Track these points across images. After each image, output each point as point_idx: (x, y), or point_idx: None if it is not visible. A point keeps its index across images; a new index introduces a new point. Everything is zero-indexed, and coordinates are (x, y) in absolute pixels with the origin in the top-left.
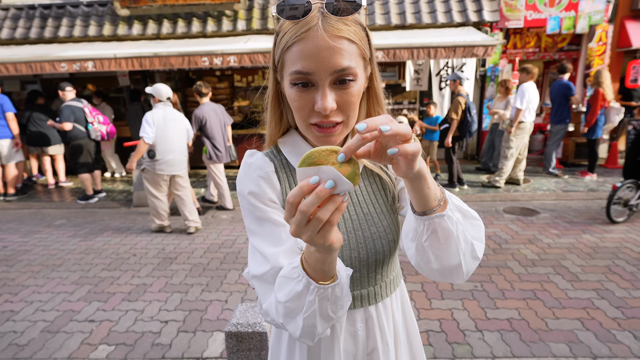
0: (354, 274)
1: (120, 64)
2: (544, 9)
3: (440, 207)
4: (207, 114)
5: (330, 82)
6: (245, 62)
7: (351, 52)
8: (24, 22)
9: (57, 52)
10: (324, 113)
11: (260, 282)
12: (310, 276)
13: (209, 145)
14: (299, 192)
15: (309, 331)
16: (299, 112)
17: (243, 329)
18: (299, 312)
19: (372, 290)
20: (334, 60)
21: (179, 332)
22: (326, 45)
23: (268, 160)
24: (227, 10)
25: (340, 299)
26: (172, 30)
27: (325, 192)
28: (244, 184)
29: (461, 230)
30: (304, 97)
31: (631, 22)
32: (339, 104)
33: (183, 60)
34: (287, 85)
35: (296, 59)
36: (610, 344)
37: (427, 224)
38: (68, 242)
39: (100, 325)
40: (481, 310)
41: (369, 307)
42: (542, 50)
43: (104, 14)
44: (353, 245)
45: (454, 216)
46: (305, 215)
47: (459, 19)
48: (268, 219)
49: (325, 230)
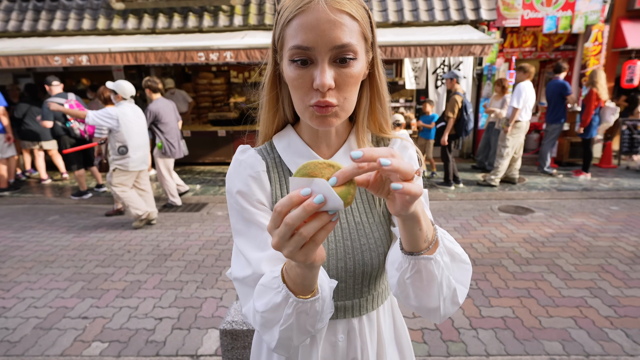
0: (339, 285)
1: (115, 59)
2: (541, 8)
3: (429, 249)
4: (162, 109)
5: (330, 58)
6: (242, 58)
7: (352, 29)
8: (16, 15)
9: (50, 46)
10: (322, 90)
11: (241, 284)
12: (290, 288)
13: (164, 140)
14: (288, 202)
15: (285, 343)
16: (298, 91)
17: (238, 326)
18: (276, 323)
19: (357, 302)
20: (335, 34)
21: (174, 329)
22: (327, 18)
23: (260, 159)
24: (224, 5)
25: (319, 314)
26: (168, 24)
27: (312, 207)
28: (233, 182)
29: (446, 276)
30: (303, 75)
31: (627, 23)
32: (337, 83)
33: (179, 55)
34: (286, 64)
35: (296, 32)
36: (602, 342)
37: (412, 263)
38: (61, 238)
39: (94, 322)
40: (475, 309)
41: (352, 319)
42: (538, 50)
43: (99, 8)
44: (340, 255)
45: (442, 260)
46: (289, 228)
47: (456, 17)
48: (254, 221)
49: (307, 248)
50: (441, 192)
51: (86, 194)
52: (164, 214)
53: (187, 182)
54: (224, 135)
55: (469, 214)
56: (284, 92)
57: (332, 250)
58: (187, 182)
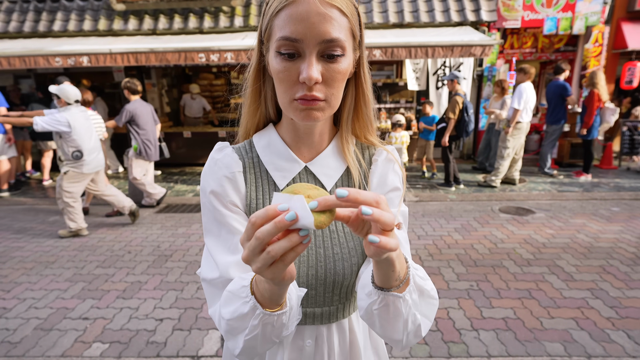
0: (309, 292)
1: (116, 59)
2: (541, 9)
3: (399, 287)
4: (139, 109)
5: (317, 52)
6: (243, 59)
7: (342, 24)
8: (17, 16)
9: (51, 47)
10: (309, 84)
11: (209, 285)
12: (258, 300)
13: (140, 142)
14: (264, 214)
15: (249, 351)
16: (283, 84)
17: None
18: (241, 332)
19: (326, 310)
20: (324, 27)
21: (174, 330)
22: (317, 10)
23: (237, 159)
24: (225, 7)
25: (285, 325)
26: (168, 25)
27: (283, 224)
28: (207, 181)
29: (412, 313)
30: (289, 68)
31: (627, 24)
32: (325, 78)
33: (179, 56)
34: (272, 56)
35: (284, 23)
36: (604, 344)
37: (381, 297)
38: (62, 239)
39: (95, 323)
40: (477, 310)
41: (321, 326)
42: (538, 51)
43: (100, 9)
44: (312, 262)
45: (410, 299)
46: (259, 242)
47: (456, 19)
48: (226, 223)
49: (276, 266)
50: (442, 193)
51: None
52: (164, 215)
53: (188, 183)
54: (225, 136)
55: (469, 214)
56: (268, 86)
57: (304, 258)
58: (187, 183)
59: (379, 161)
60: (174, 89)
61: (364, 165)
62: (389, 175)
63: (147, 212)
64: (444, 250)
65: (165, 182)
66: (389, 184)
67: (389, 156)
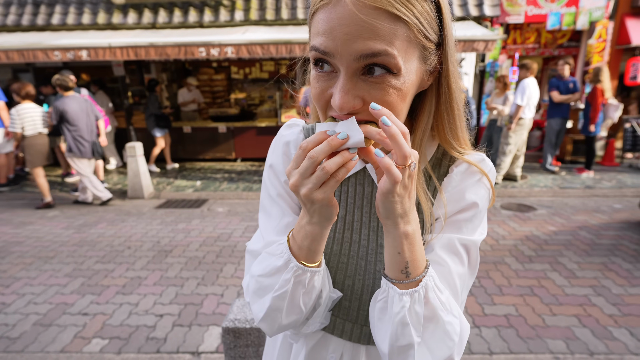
0: (342, 302)
1: (115, 54)
2: (545, 4)
3: (403, 283)
4: (69, 105)
5: (355, 71)
6: (243, 54)
7: (392, 34)
8: (15, 9)
9: (50, 40)
10: (339, 112)
11: (250, 256)
12: (294, 254)
13: (70, 138)
14: (315, 139)
15: (273, 316)
16: (317, 104)
17: (241, 324)
18: (270, 289)
19: (357, 328)
20: (360, 40)
21: (174, 326)
22: (353, 17)
23: (302, 139)
24: (225, 0)
25: (315, 291)
26: (168, 19)
27: (336, 142)
28: (270, 154)
29: (404, 323)
30: (323, 84)
31: (631, 19)
32: (367, 102)
33: (179, 50)
34: (312, 65)
35: (317, 31)
36: (606, 341)
37: (384, 288)
38: (61, 234)
39: (94, 319)
40: (479, 307)
41: (348, 343)
42: (541, 46)
43: (99, 2)
44: (350, 272)
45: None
46: (312, 162)
47: (459, 13)
48: (278, 203)
49: (327, 185)
50: None
51: None
52: (164, 210)
53: (188, 179)
54: (225, 132)
55: None
56: None
57: (343, 265)
58: (187, 178)
59: (454, 172)
60: (174, 83)
61: (434, 178)
62: (467, 190)
63: (147, 207)
64: None
65: (165, 177)
66: (464, 200)
67: (471, 168)
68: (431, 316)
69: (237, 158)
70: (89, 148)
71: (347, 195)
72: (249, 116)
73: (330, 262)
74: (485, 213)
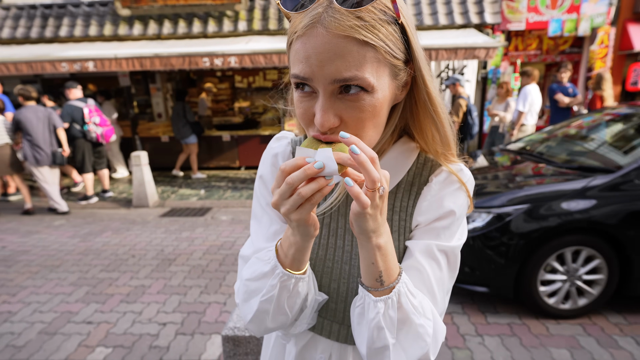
0: (329, 304)
1: (121, 64)
2: (546, 11)
3: (377, 291)
4: (24, 115)
5: (332, 91)
6: (246, 63)
7: (363, 58)
8: (25, 22)
9: (58, 52)
10: (321, 130)
11: (242, 261)
12: (281, 261)
13: (27, 146)
14: (293, 164)
15: (260, 317)
16: (302, 123)
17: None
18: (258, 293)
19: (344, 329)
20: (333, 66)
21: (177, 334)
22: (325, 47)
23: (289, 152)
24: (228, 11)
25: (300, 297)
26: (173, 30)
27: (312, 171)
28: (261, 165)
29: (379, 327)
30: (305, 104)
31: (633, 25)
32: (345, 120)
33: (184, 60)
34: (293, 88)
35: (294, 58)
36: (612, 350)
37: (361, 295)
38: (67, 243)
39: (98, 327)
40: (481, 315)
41: (336, 344)
42: (543, 53)
43: (105, 14)
44: (335, 276)
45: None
46: (289, 187)
47: (460, 21)
48: (268, 211)
49: (303, 207)
50: None
51: (92, 199)
52: (168, 219)
53: (191, 187)
54: (229, 140)
55: None
56: None
57: (328, 269)
58: (190, 186)
59: (433, 182)
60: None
61: (416, 187)
62: (445, 198)
63: (151, 215)
64: None
65: (169, 185)
66: (442, 208)
67: (450, 178)
68: (404, 319)
69: (241, 166)
70: (47, 156)
71: (332, 204)
72: (253, 125)
73: (316, 266)
74: (463, 219)
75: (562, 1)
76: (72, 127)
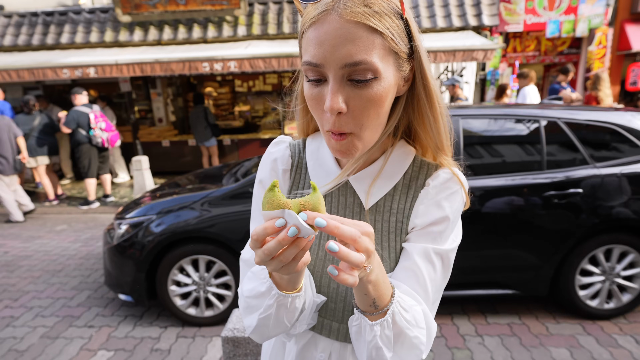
0: (329, 304)
1: (122, 70)
2: (544, 12)
3: (373, 315)
4: None
5: (342, 77)
6: (246, 68)
7: (371, 43)
8: (26, 29)
9: (59, 59)
10: (331, 113)
11: (243, 264)
12: (276, 283)
13: None
14: (263, 232)
15: (261, 331)
16: (314, 112)
17: (239, 333)
18: (257, 310)
19: (344, 328)
20: (345, 50)
21: (178, 337)
22: (337, 32)
23: (288, 155)
24: (228, 16)
25: (298, 310)
26: (173, 36)
27: (287, 240)
28: (259, 169)
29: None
30: (316, 95)
31: (631, 25)
32: (351, 107)
33: (184, 65)
34: (304, 80)
35: (307, 46)
36: (611, 349)
37: (357, 316)
38: (69, 248)
39: (100, 331)
40: (481, 315)
41: (336, 343)
42: (542, 54)
43: (106, 21)
44: None
45: (379, 332)
46: (267, 255)
47: (458, 23)
48: None
49: (289, 266)
50: None
51: (94, 204)
52: None
53: None
54: (229, 144)
55: None
56: None
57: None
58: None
59: (430, 186)
60: (179, 97)
61: (412, 190)
62: (441, 203)
63: None
64: None
65: None
66: (438, 212)
67: (446, 183)
68: (399, 333)
69: None
70: (9, 165)
71: (331, 206)
72: (253, 128)
73: (316, 267)
74: (458, 220)
75: (560, 2)
76: (78, 133)
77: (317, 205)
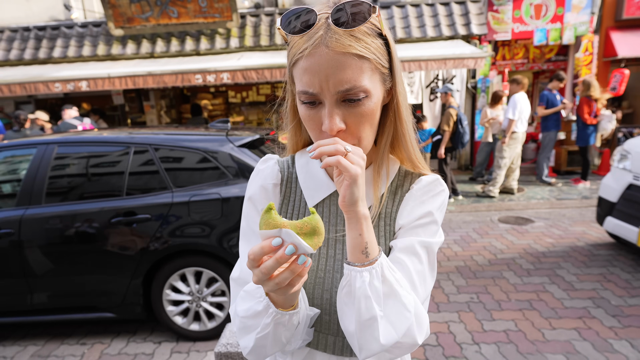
0: (322, 317)
1: (114, 83)
2: (530, 21)
3: (363, 265)
4: None
5: (337, 100)
6: (239, 79)
7: (360, 69)
8: (18, 44)
9: (51, 73)
10: (331, 134)
11: (233, 284)
12: (273, 301)
13: None
14: (260, 252)
15: (259, 351)
16: (311, 132)
17: (233, 349)
18: (253, 330)
19: (339, 341)
20: (337, 78)
21: (172, 352)
22: (329, 63)
23: (277, 171)
24: (220, 29)
25: (295, 327)
26: (165, 49)
27: (285, 259)
28: (248, 187)
29: (366, 296)
30: (313, 117)
31: (616, 32)
32: (348, 124)
33: (177, 78)
34: (298, 102)
35: (301, 76)
36: (607, 354)
37: (347, 274)
38: None
39: (92, 348)
40: (478, 323)
41: (332, 357)
42: (530, 61)
43: (99, 35)
44: (327, 285)
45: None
46: (264, 275)
47: (447, 33)
48: (256, 232)
49: (285, 289)
50: None
51: None
52: None
53: None
54: None
55: (468, 225)
56: None
57: (320, 280)
58: None
59: (414, 189)
60: (173, 109)
61: (399, 196)
62: (425, 203)
63: None
64: (444, 263)
65: None
66: (422, 210)
67: (429, 186)
68: (389, 292)
69: None
70: None
71: (322, 215)
72: None
73: (308, 278)
74: (441, 221)
75: (546, 11)
76: None
77: (316, 226)
